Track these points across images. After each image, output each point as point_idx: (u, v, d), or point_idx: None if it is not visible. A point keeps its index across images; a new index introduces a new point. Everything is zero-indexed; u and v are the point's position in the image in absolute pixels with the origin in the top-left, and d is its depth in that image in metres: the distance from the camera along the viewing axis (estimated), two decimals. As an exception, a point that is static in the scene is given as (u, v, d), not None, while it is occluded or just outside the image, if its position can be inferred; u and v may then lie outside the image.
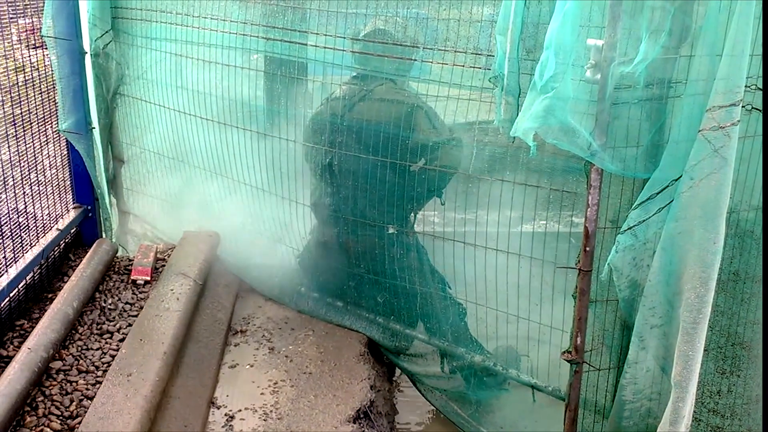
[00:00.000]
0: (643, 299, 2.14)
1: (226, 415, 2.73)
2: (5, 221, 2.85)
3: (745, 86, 1.95)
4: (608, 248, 2.23)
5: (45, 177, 3.32)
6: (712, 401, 2.41)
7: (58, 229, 3.31)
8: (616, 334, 2.32)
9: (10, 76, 2.92)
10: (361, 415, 2.76)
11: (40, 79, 3.26)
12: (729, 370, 2.40)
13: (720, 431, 2.41)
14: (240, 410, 2.75)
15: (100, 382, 2.54)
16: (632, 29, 1.99)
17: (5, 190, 2.87)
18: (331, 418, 2.72)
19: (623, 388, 2.23)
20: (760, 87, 2.11)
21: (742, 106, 1.94)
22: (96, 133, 3.65)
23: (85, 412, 2.37)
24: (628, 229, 2.13)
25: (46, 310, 2.85)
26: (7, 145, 2.87)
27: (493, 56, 2.28)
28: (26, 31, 3.24)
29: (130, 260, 3.53)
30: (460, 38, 2.60)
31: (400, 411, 3.34)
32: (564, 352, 2.33)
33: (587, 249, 2.20)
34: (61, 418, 2.40)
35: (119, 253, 3.65)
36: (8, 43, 3.01)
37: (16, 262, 2.90)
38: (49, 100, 3.35)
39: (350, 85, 3.15)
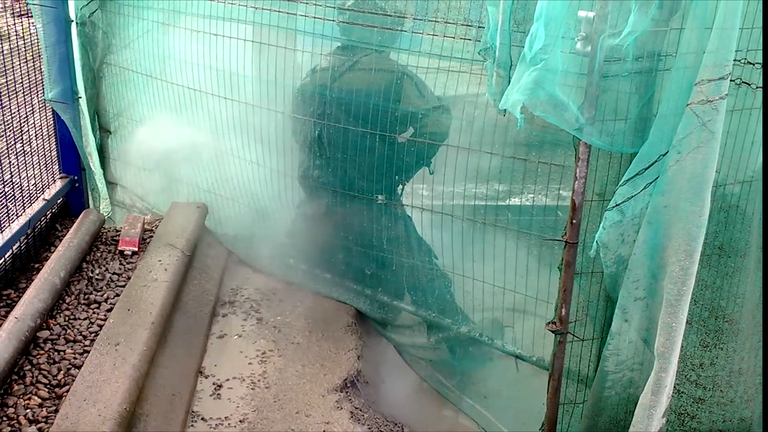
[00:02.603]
0: (627, 272, 2.15)
1: (214, 384, 2.74)
2: (-9, 190, 2.83)
3: (734, 60, 1.95)
4: (595, 221, 2.24)
5: (31, 147, 3.29)
6: (694, 373, 2.44)
7: (44, 199, 3.29)
8: (599, 305, 2.33)
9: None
10: (348, 384, 2.79)
11: (25, 47, 3.20)
12: (712, 343, 2.42)
13: (702, 403, 2.45)
14: (228, 379, 2.77)
15: (88, 352, 2.54)
16: (623, 1, 1.98)
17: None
18: (318, 387, 2.74)
19: (606, 358, 2.26)
20: (750, 61, 2.11)
21: (731, 80, 1.94)
22: (82, 102, 3.60)
23: (73, 380, 2.37)
24: (616, 206, 2.14)
25: (32, 280, 2.84)
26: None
27: (484, 28, 2.26)
28: (11, -3, 3.19)
29: (117, 231, 3.51)
30: (450, 9, 2.58)
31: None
32: (548, 322, 2.35)
33: (574, 221, 2.21)
34: (48, 386, 2.41)
35: (106, 224, 3.63)
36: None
37: (2, 232, 2.88)
38: (34, 69, 3.30)
39: (336, 56, 3.12)
